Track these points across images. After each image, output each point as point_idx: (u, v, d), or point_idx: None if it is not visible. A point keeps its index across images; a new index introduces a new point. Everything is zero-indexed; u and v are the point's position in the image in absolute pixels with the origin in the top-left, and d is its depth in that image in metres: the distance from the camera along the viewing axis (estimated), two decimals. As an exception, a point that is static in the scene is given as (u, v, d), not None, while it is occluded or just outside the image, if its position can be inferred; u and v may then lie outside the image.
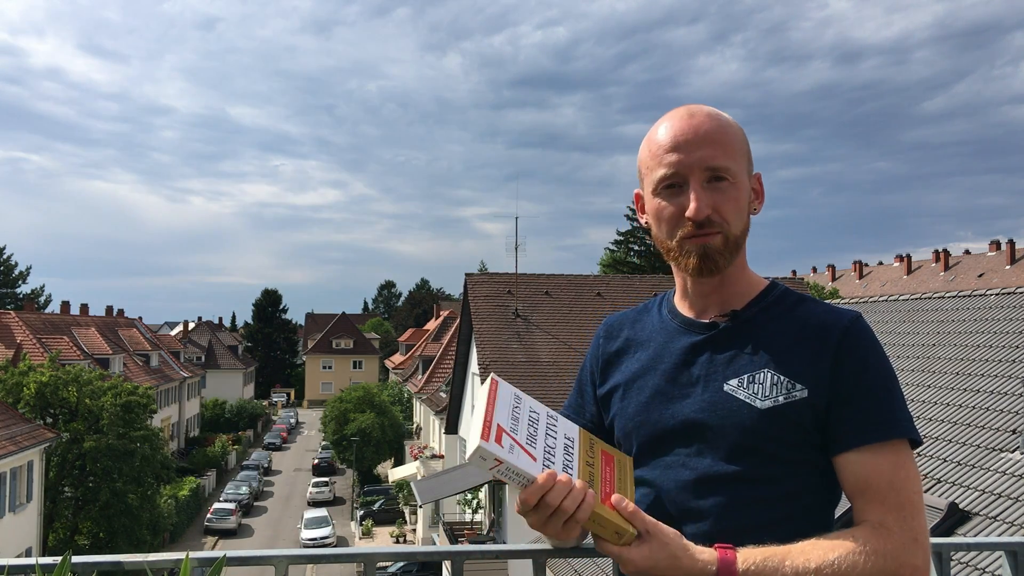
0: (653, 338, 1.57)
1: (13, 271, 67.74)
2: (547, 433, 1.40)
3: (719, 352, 1.48)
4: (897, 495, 1.35)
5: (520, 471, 1.30)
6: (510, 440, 1.33)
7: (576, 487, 1.32)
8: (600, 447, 1.46)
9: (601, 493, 1.35)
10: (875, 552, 1.30)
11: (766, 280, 1.56)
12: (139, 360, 52.57)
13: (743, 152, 1.49)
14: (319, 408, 70.39)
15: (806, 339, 1.43)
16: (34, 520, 26.11)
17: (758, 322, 1.48)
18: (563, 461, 1.36)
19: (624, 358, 1.60)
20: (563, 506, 1.31)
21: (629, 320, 1.66)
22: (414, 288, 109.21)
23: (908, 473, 1.37)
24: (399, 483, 38.16)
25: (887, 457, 1.37)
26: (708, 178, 1.44)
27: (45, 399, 29.28)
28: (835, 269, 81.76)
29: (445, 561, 7.64)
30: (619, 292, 25.89)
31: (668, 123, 1.48)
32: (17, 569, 1.69)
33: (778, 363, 1.42)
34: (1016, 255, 61.39)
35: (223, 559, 1.56)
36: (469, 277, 26.14)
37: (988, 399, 11.68)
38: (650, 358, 1.55)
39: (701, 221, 1.43)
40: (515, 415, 1.39)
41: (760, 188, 1.54)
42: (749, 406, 1.41)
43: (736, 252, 1.48)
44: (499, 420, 1.35)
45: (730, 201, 1.45)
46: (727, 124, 1.48)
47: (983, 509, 9.67)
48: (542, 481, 1.31)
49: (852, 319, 1.44)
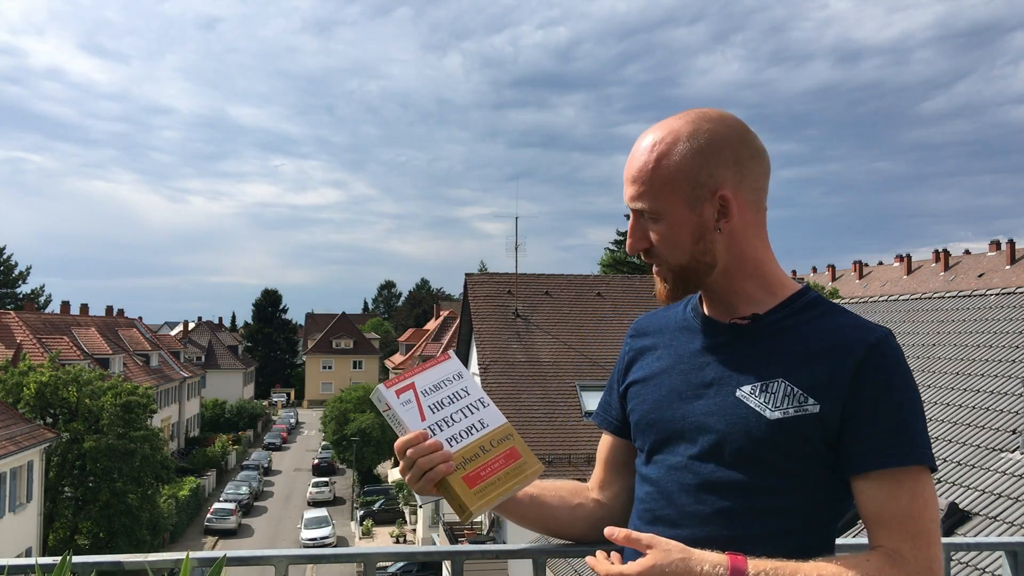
0: (676, 337, 1.57)
1: (13, 271, 67.74)
2: (461, 410, 1.53)
3: (736, 355, 1.46)
4: (914, 523, 1.33)
5: (400, 421, 1.47)
6: (411, 396, 1.50)
7: (436, 454, 1.44)
8: (512, 445, 1.54)
9: (470, 472, 1.47)
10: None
11: (798, 285, 1.53)
12: (139, 360, 52.57)
13: (677, 182, 1.43)
14: (319, 408, 70.42)
15: (827, 352, 1.39)
16: (34, 520, 26.11)
17: (779, 328, 1.45)
18: (453, 434, 1.49)
19: (647, 355, 1.61)
20: (418, 462, 1.44)
21: (657, 319, 1.66)
22: (414, 288, 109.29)
23: (926, 501, 1.35)
24: (399, 483, 38.18)
25: (904, 484, 1.35)
26: (639, 215, 1.49)
27: (45, 399, 29.28)
28: (835, 269, 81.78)
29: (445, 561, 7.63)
30: (619, 292, 25.87)
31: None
32: (17, 569, 1.69)
33: (794, 374, 1.39)
34: (1016, 255, 61.40)
35: (223, 559, 1.56)
36: (469, 277, 26.13)
37: (988, 399, 11.68)
38: (670, 356, 1.55)
39: (638, 254, 1.50)
40: (440, 385, 1.54)
41: (727, 206, 1.44)
42: (758, 415, 1.38)
43: (692, 278, 1.47)
44: (416, 380, 1.53)
45: (659, 236, 1.46)
46: (656, 159, 1.44)
47: (983, 509, 9.67)
48: (409, 436, 1.46)
49: (880, 337, 1.39)
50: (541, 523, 1.65)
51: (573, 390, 21.95)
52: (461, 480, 1.44)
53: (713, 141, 1.43)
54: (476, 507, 1.44)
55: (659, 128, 1.47)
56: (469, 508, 1.43)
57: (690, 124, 1.45)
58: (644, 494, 1.52)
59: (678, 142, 1.43)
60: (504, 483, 1.48)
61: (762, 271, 1.49)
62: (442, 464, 1.43)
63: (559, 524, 1.66)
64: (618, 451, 1.67)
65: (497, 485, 1.48)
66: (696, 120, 1.45)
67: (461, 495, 1.43)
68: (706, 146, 1.43)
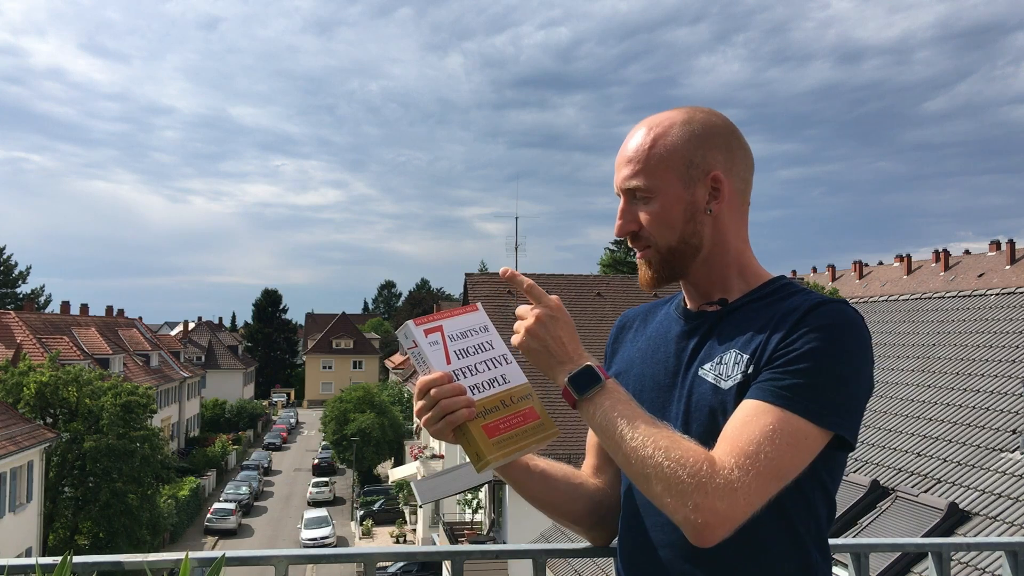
0: (656, 328, 1.61)
1: (13, 271, 67.77)
2: (485, 362, 1.52)
3: (703, 339, 1.50)
4: (747, 446, 1.27)
5: (426, 360, 1.46)
6: (438, 338, 1.49)
7: (460, 397, 1.42)
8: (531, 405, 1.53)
9: (490, 423, 1.46)
10: (693, 469, 1.25)
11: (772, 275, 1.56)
12: (139, 360, 52.57)
13: (672, 161, 1.48)
14: (319, 408, 70.40)
15: (775, 321, 1.41)
16: (34, 520, 26.11)
17: (744, 311, 1.48)
18: (476, 383, 1.48)
19: (629, 347, 1.65)
20: (441, 403, 1.41)
21: (642, 312, 1.70)
22: (414, 288, 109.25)
23: (776, 440, 1.27)
24: (399, 483, 38.17)
25: (763, 418, 1.30)
26: (630, 197, 1.51)
27: (45, 399, 29.27)
28: (835, 269, 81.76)
29: (445, 561, 7.64)
30: (619, 292, 25.89)
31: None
32: (17, 569, 1.69)
33: (743, 344, 1.42)
34: (1016, 255, 61.37)
35: (222, 559, 1.56)
36: (469, 277, 26.14)
37: (988, 399, 11.69)
38: (650, 347, 1.59)
39: (624, 237, 1.52)
40: (467, 334, 1.54)
41: (720, 186, 1.49)
42: (715, 387, 1.41)
43: (679, 261, 1.50)
44: (444, 324, 1.52)
45: (651, 216, 1.49)
46: (652, 138, 1.50)
47: (983, 509, 9.67)
48: (435, 376, 1.44)
49: (824, 300, 1.40)
50: (544, 496, 1.65)
51: (573, 390, 21.92)
52: (481, 428, 1.44)
53: (707, 127, 1.51)
54: (494, 457, 1.43)
55: (653, 117, 1.54)
56: (486, 456, 1.42)
57: (684, 112, 1.53)
58: (630, 483, 1.53)
59: (673, 126, 1.50)
60: (522, 439, 1.48)
61: (741, 261, 1.54)
62: (465, 408, 1.42)
63: (562, 498, 1.66)
64: None
65: (515, 440, 1.47)
66: (689, 110, 1.54)
67: (480, 442, 1.43)
68: (700, 130, 1.50)
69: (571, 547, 1.73)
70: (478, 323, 1.57)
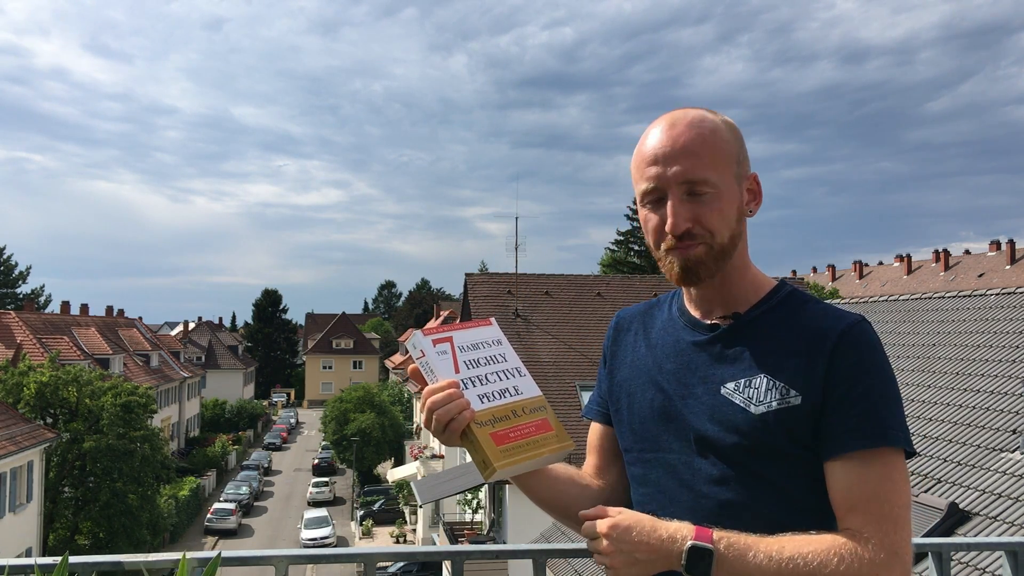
0: (661, 336, 1.58)
1: (13, 271, 67.75)
2: (496, 373, 1.52)
3: (719, 354, 1.47)
4: (880, 506, 1.32)
5: (433, 370, 1.46)
6: (447, 348, 1.48)
7: (454, 403, 1.41)
8: (545, 416, 1.52)
9: (499, 431, 1.44)
10: (851, 557, 1.28)
11: (774, 281, 1.55)
12: (139, 360, 52.55)
13: (728, 157, 1.47)
14: (319, 408, 70.39)
15: (804, 343, 1.41)
16: (34, 520, 26.10)
17: (760, 325, 1.47)
18: (486, 392, 1.47)
19: (631, 353, 1.62)
20: (436, 413, 1.41)
21: (640, 314, 1.67)
22: (414, 288, 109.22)
23: (896, 486, 1.33)
24: (399, 483, 38.14)
25: (874, 467, 1.34)
26: (686, 191, 1.44)
27: (45, 399, 29.25)
28: (835, 269, 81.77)
29: (445, 561, 7.64)
30: (619, 292, 25.90)
31: (651, 134, 1.48)
32: (17, 569, 1.69)
33: (774, 368, 1.41)
34: (1016, 255, 61.39)
35: (218, 558, 1.56)
36: (469, 277, 26.15)
37: (988, 399, 11.68)
38: (655, 356, 1.56)
39: (680, 235, 1.44)
40: (478, 346, 1.53)
41: (757, 188, 1.52)
42: (744, 411, 1.40)
43: (723, 259, 1.47)
44: (455, 335, 1.51)
45: (713, 212, 1.44)
46: (710, 132, 1.46)
47: (983, 509, 9.67)
48: (436, 385, 1.44)
49: (851, 323, 1.40)
50: (550, 498, 1.63)
51: (573, 390, 21.97)
52: (488, 436, 1.42)
53: (736, 130, 1.52)
54: (500, 464, 1.41)
55: (688, 111, 1.49)
56: (493, 464, 1.40)
57: (711, 113, 1.51)
58: (642, 495, 1.53)
59: (717, 123, 1.49)
60: (532, 449, 1.46)
61: (747, 266, 1.54)
62: (464, 412, 1.41)
63: (568, 500, 1.65)
64: (613, 439, 1.67)
65: (525, 449, 1.45)
66: (712, 112, 1.51)
67: (485, 448, 1.41)
68: (737, 132, 1.51)
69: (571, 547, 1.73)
70: (491, 337, 1.56)
